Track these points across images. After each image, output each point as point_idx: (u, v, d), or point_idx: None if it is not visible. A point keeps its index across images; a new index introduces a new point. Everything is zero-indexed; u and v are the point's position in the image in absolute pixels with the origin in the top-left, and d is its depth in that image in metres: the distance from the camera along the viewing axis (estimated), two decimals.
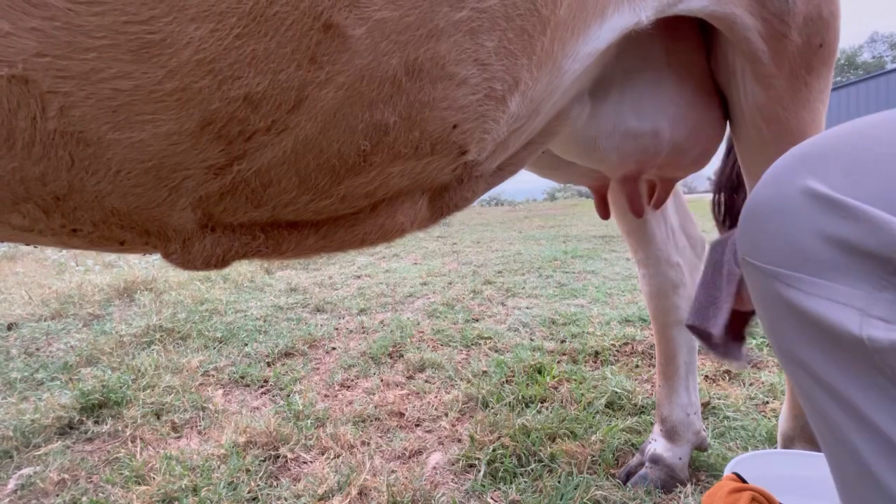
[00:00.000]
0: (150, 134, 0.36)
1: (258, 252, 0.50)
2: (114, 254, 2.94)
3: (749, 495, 0.85)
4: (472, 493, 1.23)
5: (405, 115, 0.45)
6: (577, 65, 0.62)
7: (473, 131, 0.50)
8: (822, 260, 0.33)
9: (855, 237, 0.32)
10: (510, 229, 8.37)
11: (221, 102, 0.36)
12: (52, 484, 1.34)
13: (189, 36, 0.33)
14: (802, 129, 0.91)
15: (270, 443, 1.48)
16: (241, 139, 0.39)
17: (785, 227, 0.35)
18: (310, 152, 0.43)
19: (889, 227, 0.30)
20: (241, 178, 0.43)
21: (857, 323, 0.31)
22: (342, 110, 0.42)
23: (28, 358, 2.28)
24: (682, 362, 1.26)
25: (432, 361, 2.06)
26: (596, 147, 0.91)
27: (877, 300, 0.31)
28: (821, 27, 0.84)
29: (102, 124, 0.35)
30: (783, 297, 0.35)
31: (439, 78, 0.45)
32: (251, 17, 0.35)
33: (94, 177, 0.38)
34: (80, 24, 0.31)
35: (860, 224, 0.31)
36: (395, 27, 0.40)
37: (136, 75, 0.33)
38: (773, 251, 0.36)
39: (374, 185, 0.49)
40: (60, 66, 0.32)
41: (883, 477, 0.32)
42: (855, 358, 0.32)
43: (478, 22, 0.45)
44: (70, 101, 0.33)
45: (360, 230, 0.54)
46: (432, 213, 0.60)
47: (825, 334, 0.33)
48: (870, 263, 0.31)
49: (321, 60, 0.38)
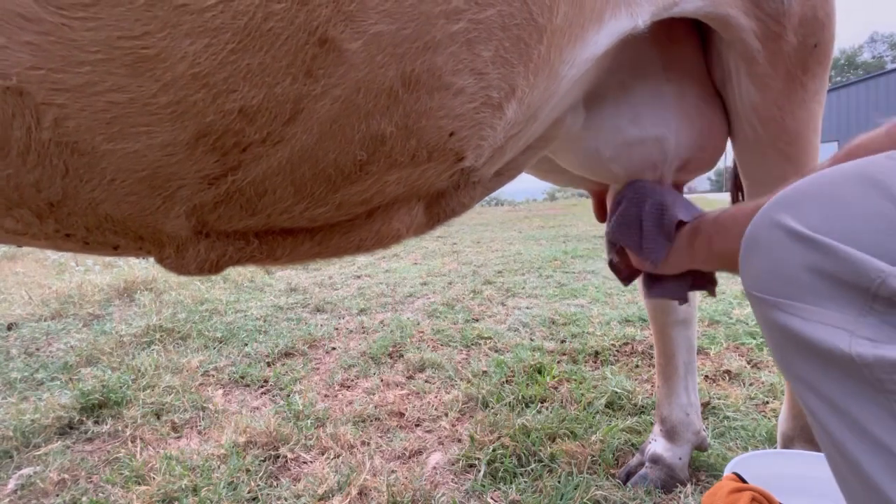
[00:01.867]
0: (145, 145, 0.36)
1: (252, 258, 0.50)
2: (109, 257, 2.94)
3: (749, 495, 0.85)
4: (472, 493, 1.23)
5: (402, 124, 0.45)
6: (574, 70, 0.62)
7: (470, 138, 0.50)
8: (813, 289, 0.38)
9: (837, 271, 0.37)
10: (510, 229, 8.37)
11: (216, 115, 0.36)
12: (52, 484, 1.34)
13: (184, 51, 0.33)
14: (798, 129, 0.91)
15: (270, 443, 1.48)
16: (237, 150, 0.39)
17: (775, 262, 0.41)
18: (305, 163, 0.43)
19: (864, 264, 0.35)
20: (235, 188, 0.43)
21: (847, 342, 0.36)
22: (338, 122, 0.42)
23: (28, 358, 2.28)
24: (682, 362, 1.26)
25: (432, 361, 2.07)
26: (601, 160, 0.90)
27: (862, 324, 0.36)
28: (816, 28, 0.84)
29: (97, 135, 0.35)
30: (783, 324, 0.40)
31: (436, 88, 0.45)
32: (246, 32, 0.35)
33: (89, 185, 0.38)
34: (75, 39, 0.31)
35: (838, 260, 0.37)
36: (392, 40, 0.40)
37: (131, 88, 0.34)
38: (770, 283, 0.41)
39: (371, 192, 0.49)
40: (55, 79, 0.32)
41: (880, 482, 0.36)
42: (847, 373, 0.37)
43: (475, 33, 0.45)
44: (64, 112, 0.33)
45: (355, 236, 0.54)
46: (429, 218, 0.60)
47: (821, 354, 0.38)
48: (853, 293, 0.36)
49: (317, 74, 0.38)
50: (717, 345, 2.06)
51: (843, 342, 0.36)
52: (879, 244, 0.36)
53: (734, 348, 2.05)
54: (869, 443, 0.36)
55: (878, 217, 0.36)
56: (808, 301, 0.38)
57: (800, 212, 0.39)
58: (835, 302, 0.37)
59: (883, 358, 0.35)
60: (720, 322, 2.36)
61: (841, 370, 0.37)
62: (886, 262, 0.35)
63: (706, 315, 2.43)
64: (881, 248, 0.35)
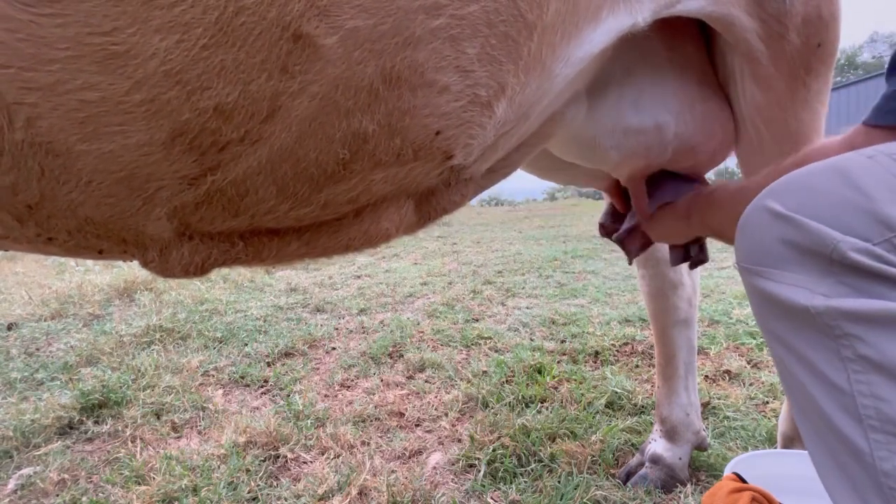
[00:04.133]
0: (120, 145, 0.35)
1: (238, 259, 0.50)
2: (95, 261, 2.92)
3: (749, 495, 0.85)
4: (472, 493, 1.22)
5: (384, 123, 0.44)
6: (569, 69, 0.61)
7: (458, 137, 0.49)
8: (783, 257, 0.46)
9: (802, 240, 0.44)
10: (510, 229, 8.35)
11: (192, 113, 0.36)
12: (52, 484, 1.34)
13: (154, 47, 0.32)
14: (802, 130, 0.90)
15: (270, 443, 1.48)
16: (214, 150, 0.39)
17: (758, 237, 0.48)
18: (286, 162, 0.43)
19: (822, 233, 0.43)
20: (216, 188, 0.42)
21: (808, 297, 0.43)
22: (318, 119, 0.42)
23: (28, 358, 2.28)
24: (682, 362, 1.25)
25: (432, 361, 2.06)
26: (596, 146, 0.89)
27: (820, 283, 0.43)
28: (819, 28, 0.83)
29: (70, 135, 0.34)
30: (760, 287, 0.48)
31: (419, 86, 0.44)
32: (217, 27, 0.34)
33: (66, 186, 0.37)
34: (43, 36, 0.31)
35: (805, 231, 0.44)
36: (369, 35, 0.40)
37: (103, 87, 0.33)
38: (753, 254, 0.49)
39: (357, 191, 0.48)
40: (25, 77, 0.31)
41: (831, 414, 0.42)
42: (806, 323, 0.44)
43: (457, 29, 0.44)
44: (37, 111, 0.33)
45: (343, 236, 0.53)
46: (419, 217, 0.59)
47: (787, 309, 0.45)
48: (815, 258, 0.43)
49: (293, 70, 0.37)
50: (717, 345, 2.05)
51: (803, 297, 0.43)
52: (837, 218, 0.43)
53: (734, 348, 2.04)
54: (822, 381, 0.43)
55: (840, 200, 0.44)
56: (780, 267, 0.46)
57: (782, 197, 0.47)
58: (801, 266, 0.44)
59: (832, 307, 0.41)
60: (720, 322, 2.35)
61: (801, 321, 0.44)
62: (839, 233, 0.42)
63: (706, 315, 2.42)
64: (838, 221, 0.43)
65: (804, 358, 0.44)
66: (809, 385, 0.44)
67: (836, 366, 0.42)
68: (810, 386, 0.44)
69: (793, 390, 0.47)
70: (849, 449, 0.41)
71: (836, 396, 0.42)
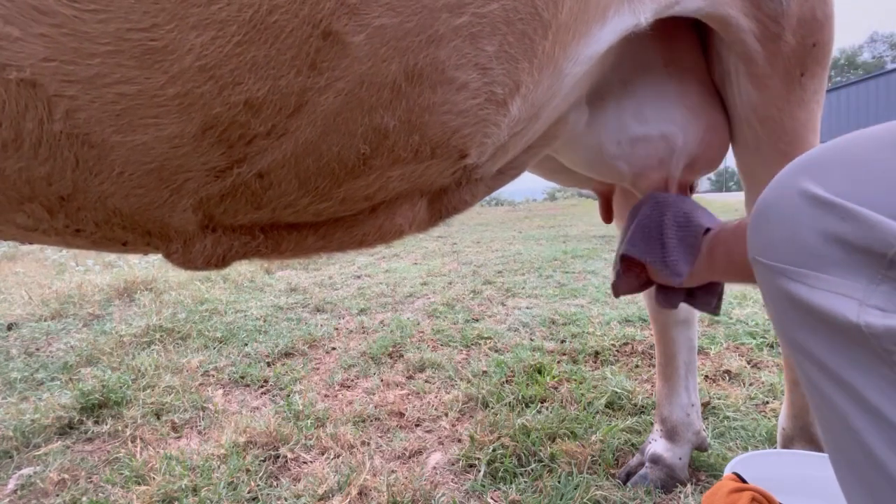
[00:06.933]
0: (153, 137, 0.37)
1: (258, 252, 0.51)
2: (117, 254, 2.94)
3: (749, 495, 0.85)
4: (472, 493, 1.23)
5: (405, 119, 0.45)
6: (577, 68, 0.62)
7: (474, 135, 0.51)
8: (824, 256, 0.36)
9: (853, 236, 0.35)
10: (510, 229, 8.37)
11: (223, 107, 0.37)
12: (52, 484, 1.34)
13: (191, 43, 0.34)
14: (797, 130, 0.92)
15: (270, 443, 1.48)
16: (242, 143, 0.40)
17: (789, 228, 0.39)
18: (310, 156, 0.44)
19: (882, 227, 0.33)
20: (241, 181, 0.43)
21: (856, 312, 0.34)
22: (342, 115, 0.43)
23: (28, 358, 2.28)
24: (682, 362, 1.26)
25: (432, 361, 2.07)
26: (603, 155, 0.91)
27: (874, 292, 0.34)
28: (815, 28, 0.85)
29: (106, 127, 0.35)
30: (790, 291, 0.39)
31: (439, 83, 0.45)
32: (251, 25, 0.35)
33: (98, 178, 0.38)
34: (86, 31, 0.32)
35: (857, 224, 0.35)
36: (395, 33, 0.41)
37: (140, 80, 0.34)
38: (780, 250, 0.39)
39: (374, 188, 0.50)
40: (67, 70, 0.32)
41: (882, 456, 0.35)
42: (854, 343, 0.35)
43: (478, 27, 0.45)
44: (76, 104, 0.34)
45: (358, 231, 0.54)
46: (431, 215, 0.61)
47: (827, 323, 0.36)
48: (867, 259, 0.34)
49: (321, 66, 0.39)
50: (717, 345, 2.06)
51: (851, 311, 0.35)
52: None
53: (734, 348, 2.06)
54: (872, 415, 0.35)
55: None
56: (817, 269, 0.37)
57: (823, 176, 0.37)
58: (846, 269, 0.35)
59: (893, 329, 0.33)
60: (720, 322, 2.37)
61: (846, 340, 0.36)
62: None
63: (706, 315, 2.43)
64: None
65: (846, 383, 0.36)
66: (852, 416, 0.36)
67: (894, 398, 0.34)
68: (853, 417, 0.36)
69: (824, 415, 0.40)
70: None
71: (891, 435, 0.34)
